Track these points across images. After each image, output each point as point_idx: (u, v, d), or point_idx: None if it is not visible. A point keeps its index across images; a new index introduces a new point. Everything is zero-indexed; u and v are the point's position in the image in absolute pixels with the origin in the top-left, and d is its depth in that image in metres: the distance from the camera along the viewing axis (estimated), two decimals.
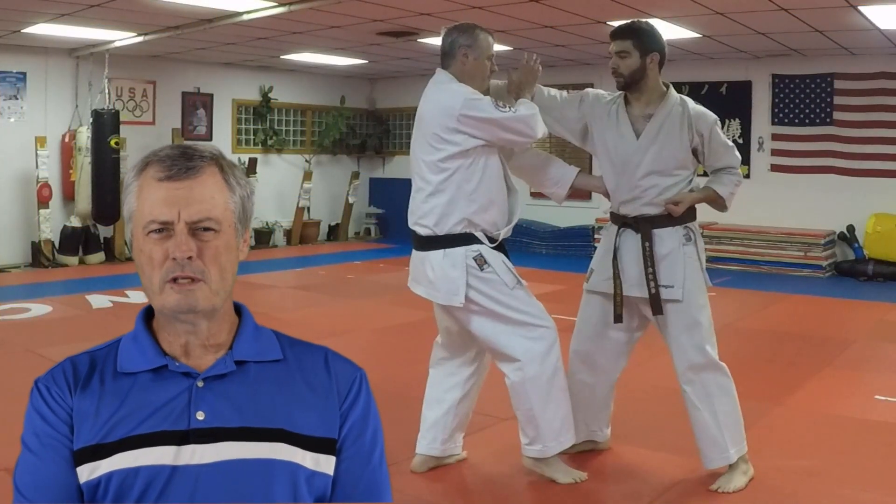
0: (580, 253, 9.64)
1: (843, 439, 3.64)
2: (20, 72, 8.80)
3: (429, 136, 2.93)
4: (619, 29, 3.06)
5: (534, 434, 3.05)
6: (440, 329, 3.26)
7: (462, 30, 3.04)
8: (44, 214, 8.71)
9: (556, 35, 8.02)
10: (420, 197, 3.02)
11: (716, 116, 3.07)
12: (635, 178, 3.06)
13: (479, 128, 2.89)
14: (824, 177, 9.03)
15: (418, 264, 3.06)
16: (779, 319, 6.50)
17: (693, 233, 3.09)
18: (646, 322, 3.20)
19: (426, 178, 2.97)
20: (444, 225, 2.95)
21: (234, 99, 10.93)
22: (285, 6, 6.50)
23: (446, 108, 2.89)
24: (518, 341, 2.97)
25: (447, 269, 2.94)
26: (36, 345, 5.17)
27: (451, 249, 2.95)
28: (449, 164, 2.91)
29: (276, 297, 7.38)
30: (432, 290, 2.99)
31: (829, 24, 7.04)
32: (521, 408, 3.05)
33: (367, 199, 12.67)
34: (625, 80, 3.02)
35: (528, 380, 2.98)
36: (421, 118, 3.01)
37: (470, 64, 3.01)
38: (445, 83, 3.01)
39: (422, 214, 3.00)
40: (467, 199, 2.93)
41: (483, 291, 2.94)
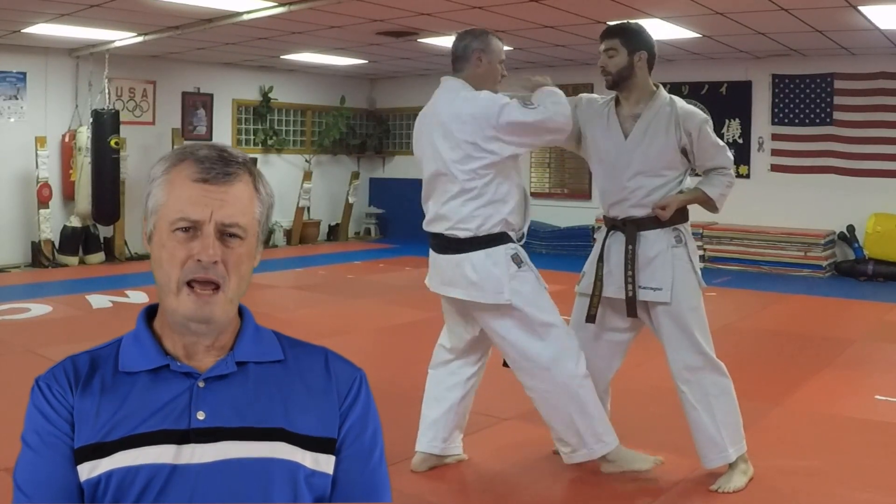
0: (580, 253, 9.62)
1: (843, 439, 3.64)
2: (20, 72, 8.80)
3: (461, 143, 2.90)
4: (608, 28, 3.11)
5: (576, 441, 3.02)
6: (449, 332, 3.24)
7: (475, 34, 3.07)
8: (44, 214, 8.71)
9: (556, 35, 8.02)
10: (458, 202, 2.95)
11: (706, 115, 3.05)
12: (623, 179, 3.06)
13: (520, 134, 2.90)
14: (824, 177, 9.03)
15: (452, 267, 3.00)
16: (779, 319, 6.50)
17: (684, 234, 3.08)
18: (639, 324, 3.20)
19: (464, 184, 2.93)
20: (485, 226, 2.94)
21: (234, 99, 10.94)
22: (285, 6, 6.50)
23: (481, 117, 2.87)
24: (547, 345, 2.96)
25: (490, 268, 2.93)
26: (36, 345, 5.17)
27: (491, 249, 2.95)
28: (488, 170, 2.92)
29: (276, 297, 7.38)
30: (475, 291, 2.95)
31: (829, 24, 7.05)
32: (558, 416, 3.01)
33: (367, 199, 12.67)
34: (612, 79, 3.04)
35: (560, 385, 2.96)
36: (442, 124, 2.96)
37: (483, 67, 3.04)
38: (461, 90, 3.00)
39: (461, 218, 2.95)
40: (503, 200, 2.96)
41: (520, 291, 2.94)
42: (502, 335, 3.00)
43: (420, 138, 3.12)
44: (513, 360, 3.05)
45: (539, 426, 3.29)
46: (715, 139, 3.06)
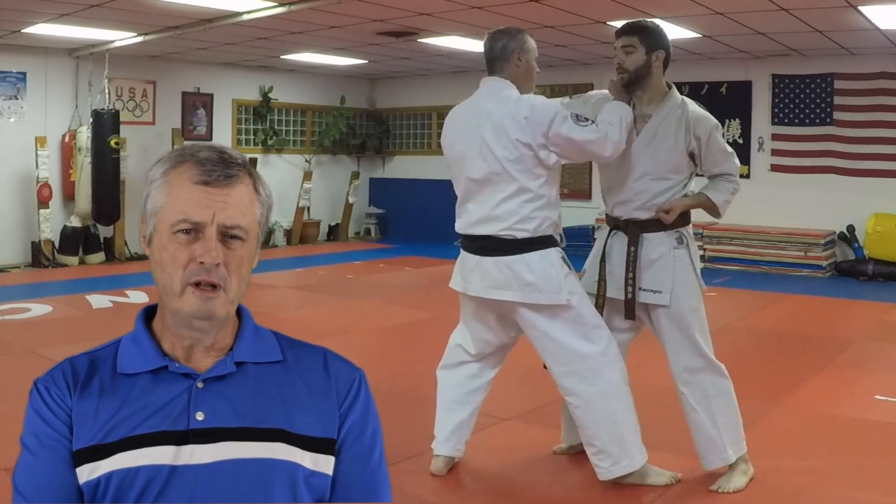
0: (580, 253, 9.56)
1: (843, 439, 3.64)
2: (20, 72, 8.81)
3: (516, 143, 2.87)
4: (627, 26, 3.06)
5: (618, 450, 2.94)
6: (474, 338, 3.19)
7: (511, 34, 3.04)
8: (44, 214, 8.71)
9: (556, 35, 8.02)
10: (515, 202, 2.91)
11: (717, 122, 3.03)
12: (629, 180, 3.05)
13: (566, 148, 2.89)
14: (824, 177, 9.03)
15: (503, 269, 2.94)
16: (779, 319, 6.50)
17: (686, 236, 3.07)
18: (639, 324, 3.20)
19: (523, 183, 2.90)
20: (542, 228, 2.93)
21: (234, 99, 10.94)
22: (285, 6, 6.50)
23: (536, 123, 2.85)
24: (596, 346, 2.94)
25: (547, 269, 2.91)
26: (36, 345, 5.17)
27: (546, 250, 2.93)
28: (541, 171, 2.91)
29: (276, 297, 7.38)
30: (532, 292, 2.90)
31: (829, 24, 7.05)
32: (603, 422, 2.93)
33: (367, 199, 12.67)
34: (629, 76, 3.00)
35: (610, 387, 2.92)
36: (494, 124, 2.91)
37: (523, 66, 3.02)
38: (509, 90, 2.97)
39: (521, 219, 2.91)
40: (556, 203, 2.97)
41: (574, 291, 2.93)
42: (553, 337, 2.95)
43: (460, 137, 3.04)
44: (562, 363, 2.97)
45: (539, 426, 3.29)
46: (724, 146, 3.05)
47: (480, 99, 3.03)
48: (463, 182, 3.03)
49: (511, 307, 2.98)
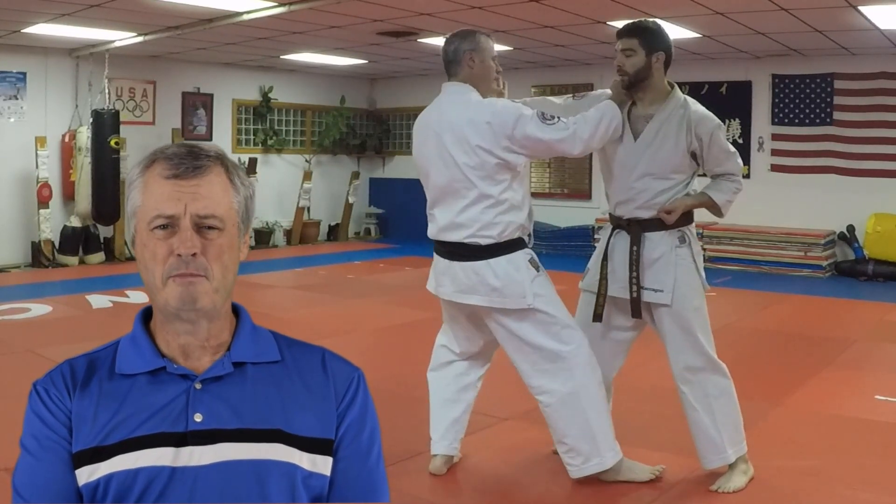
0: (580, 253, 9.62)
1: (843, 439, 3.64)
2: (20, 72, 8.81)
3: (476, 149, 2.87)
4: (626, 27, 3.06)
5: (589, 448, 2.96)
6: (457, 337, 3.22)
7: (462, 36, 3.05)
8: (44, 214, 8.71)
9: (556, 35, 8.02)
10: (477, 209, 2.91)
11: (719, 122, 3.02)
12: (630, 180, 3.05)
13: (532, 147, 2.89)
14: (824, 177, 9.03)
15: (470, 274, 2.96)
16: (779, 319, 6.50)
17: (688, 235, 3.07)
18: (642, 323, 3.20)
19: (482, 190, 2.90)
20: (506, 233, 2.94)
21: (234, 99, 10.94)
22: (285, 6, 6.50)
23: (497, 126, 2.84)
24: (567, 346, 2.94)
25: (513, 274, 2.92)
26: (36, 345, 5.17)
27: (512, 255, 2.94)
28: (504, 176, 2.91)
29: (276, 297, 7.38)
30: (497, 297, 2.93)
31: (829, 24, 7.04)
32: (574, 421, 2.95)
33: (367, 199, 12.67)
34: (629, 79, 3.00)
35: (580, 386, 2.93)
36: (454, 130, 2.91)
37: (477, 67, 3.01)
38: (470, 94, 2.97)
39: (483, 225, 2.92)
40: (520, 206, 2.96)
41: (540, 293, 2.94)
42: (522, 337, 2.96)
43: (425, 144, 3.05)
44: (532, 362, 2.99)
45: (539, 426, 3.29)
46: (726, 145, 3.04)
47: (441, 105, 3.03)
48: (430, 188, 3.06)
49: (481, 310, 3.01)
